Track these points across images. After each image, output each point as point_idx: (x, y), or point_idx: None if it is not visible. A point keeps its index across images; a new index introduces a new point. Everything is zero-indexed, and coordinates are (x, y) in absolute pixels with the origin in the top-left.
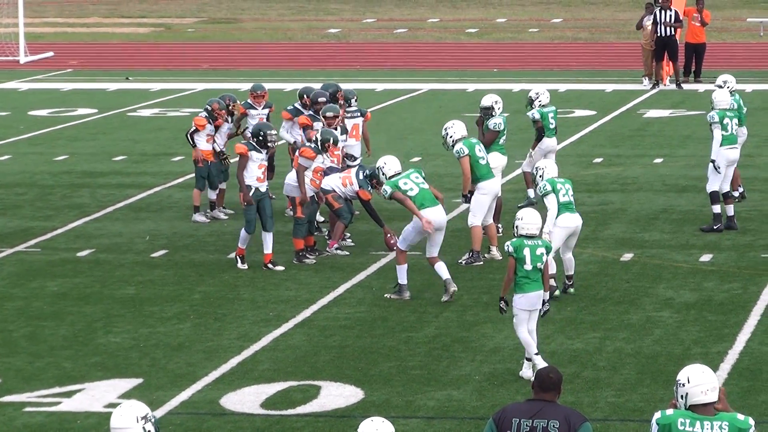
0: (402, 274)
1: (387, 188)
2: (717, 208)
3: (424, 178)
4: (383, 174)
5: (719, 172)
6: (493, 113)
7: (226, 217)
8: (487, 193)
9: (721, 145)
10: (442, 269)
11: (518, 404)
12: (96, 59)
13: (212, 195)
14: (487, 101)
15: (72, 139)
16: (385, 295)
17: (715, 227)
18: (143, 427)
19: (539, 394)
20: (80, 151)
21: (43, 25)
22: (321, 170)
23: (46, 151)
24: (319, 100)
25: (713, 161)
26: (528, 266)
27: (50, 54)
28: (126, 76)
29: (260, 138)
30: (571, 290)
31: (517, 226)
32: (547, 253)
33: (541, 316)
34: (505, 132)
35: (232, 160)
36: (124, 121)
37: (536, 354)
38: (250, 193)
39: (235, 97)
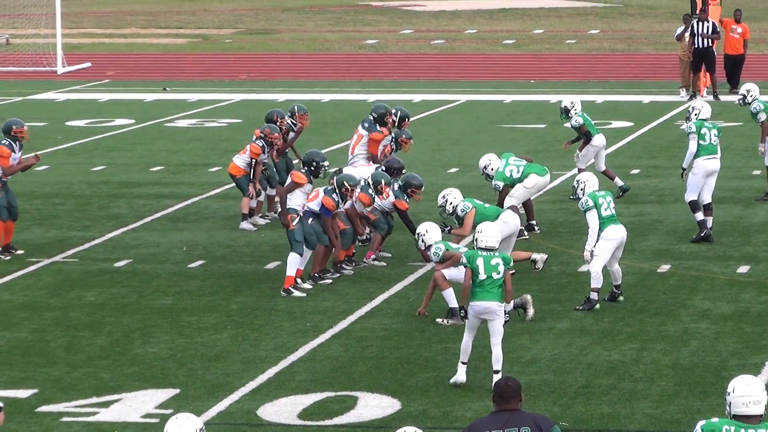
0: (450, 298)
1: (440, 246)
2: (699, 215)
3: None
4: (423, 241)
5: (685, 180)
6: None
7: (264, 222)
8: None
9: (698, 155)
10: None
11: (484, 419)
12: (133, 70)
13: (253, 202)
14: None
15: (109, 150)
16: (437, 321)
17: (702, 234)
18: None
19: (501, 405)
20: (117, 161)
21: (81, 35)
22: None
23: (84, 161)
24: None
25: (683, 169)
26: (482, 276)
27: (88, 65)
28: (163, 86)
29: (312, 167)
30: (621, 298)
31: (476, 239)
32: (505, 264)
33: (504, 323)
34: None
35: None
36: (161, 131)
37: (464, 363)
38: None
39: (283, 113)
